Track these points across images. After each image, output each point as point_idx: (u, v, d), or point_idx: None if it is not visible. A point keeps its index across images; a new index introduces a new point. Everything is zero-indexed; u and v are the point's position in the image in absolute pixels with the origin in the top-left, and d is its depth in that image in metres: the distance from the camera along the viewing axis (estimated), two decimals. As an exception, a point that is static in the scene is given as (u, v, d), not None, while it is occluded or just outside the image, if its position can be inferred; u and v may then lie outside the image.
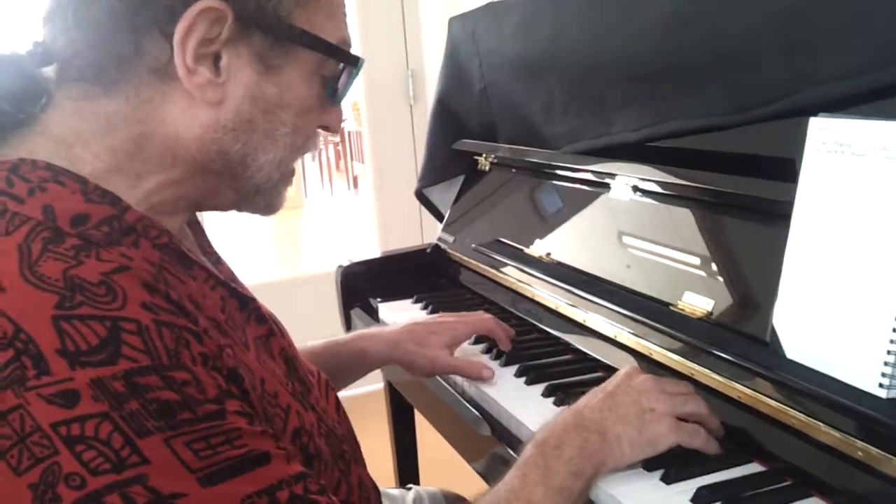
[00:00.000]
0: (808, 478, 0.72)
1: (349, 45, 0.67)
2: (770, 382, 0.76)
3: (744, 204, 0.89)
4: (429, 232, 2.99)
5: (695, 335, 0.87)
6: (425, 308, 1.36)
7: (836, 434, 0.68)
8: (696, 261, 0.94)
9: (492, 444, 0.95)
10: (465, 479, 1.27)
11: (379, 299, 1.45)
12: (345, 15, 0.68)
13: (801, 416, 0.72)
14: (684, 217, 0.98)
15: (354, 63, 0.67)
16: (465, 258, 1.42)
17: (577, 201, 1.21)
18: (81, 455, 0.47)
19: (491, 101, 1.43)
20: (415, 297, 1.42)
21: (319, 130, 0.71)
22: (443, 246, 1.53)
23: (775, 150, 0.83)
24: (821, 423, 0.70)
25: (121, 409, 0.48)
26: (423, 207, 2.98)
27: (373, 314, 1.44)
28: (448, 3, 2.46)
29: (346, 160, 7.38)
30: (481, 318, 1.06)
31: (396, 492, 1.19)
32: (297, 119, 0.65)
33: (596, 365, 1.04)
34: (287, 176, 0.69)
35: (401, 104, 2.81)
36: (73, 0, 0.59)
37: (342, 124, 0.72)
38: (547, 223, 1.27)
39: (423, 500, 1.17)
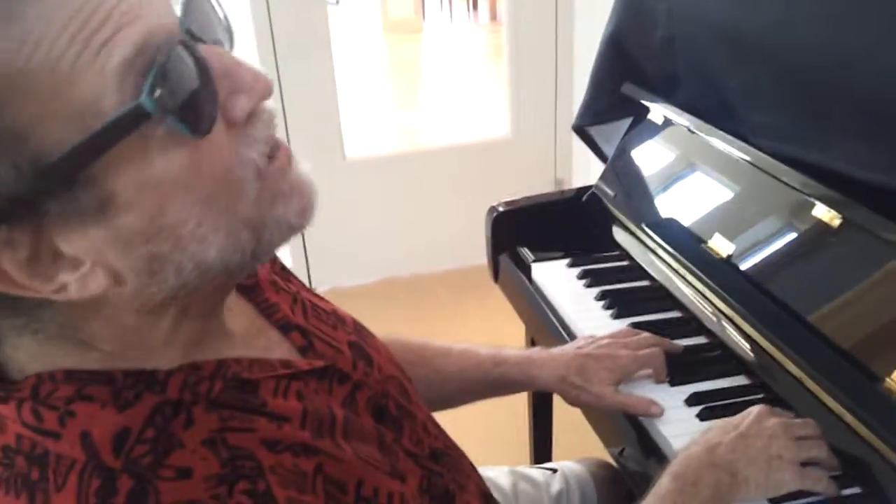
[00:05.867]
0: None
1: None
2: None
3: None
4: (563, 111, 2.83)
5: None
6: (583, 277, 1.29)
7: None
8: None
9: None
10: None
11: (527, 250, 1.41)
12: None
13: None
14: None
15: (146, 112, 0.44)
16: (628, 222, 1.32)
17: (782, 210, 1.05)
18: None
19: (679, 53, 1.24)
20: (570, 259, 1.35)
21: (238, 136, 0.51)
22: (600, 196, 1.42)
23: None
24: None
25: None
26: (558, 83, 2.84)
27: (521, 266, 1.40)
28: None
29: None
30: (652, 354, 1.02)
31: (538, 474, 1.18)
32: (184, 197, 0.49)
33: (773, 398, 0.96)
34: (259, 231, 0.53)
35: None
36: None
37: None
38: (735, 217, 1.12)
39: (569, 487, 1.16)
